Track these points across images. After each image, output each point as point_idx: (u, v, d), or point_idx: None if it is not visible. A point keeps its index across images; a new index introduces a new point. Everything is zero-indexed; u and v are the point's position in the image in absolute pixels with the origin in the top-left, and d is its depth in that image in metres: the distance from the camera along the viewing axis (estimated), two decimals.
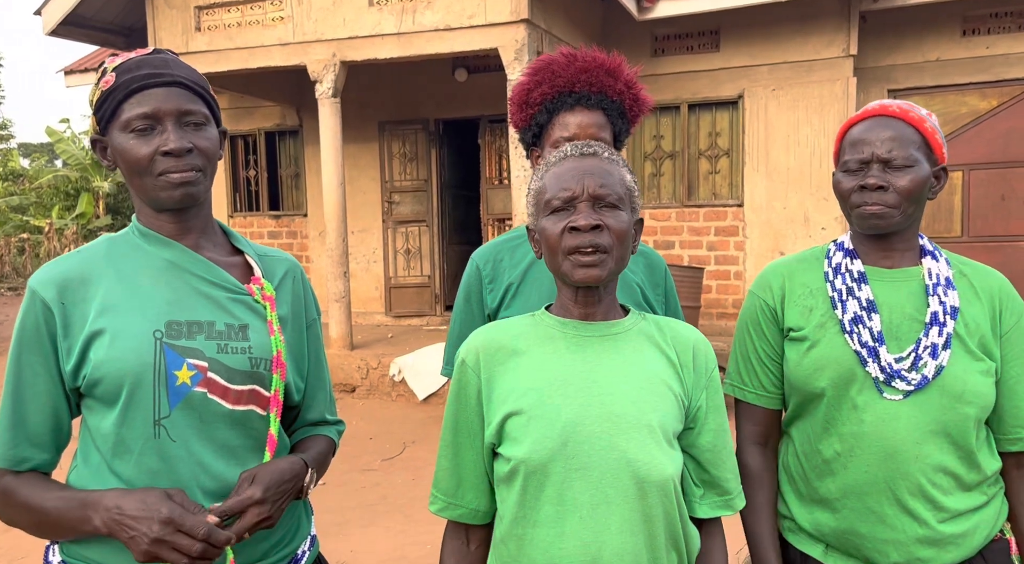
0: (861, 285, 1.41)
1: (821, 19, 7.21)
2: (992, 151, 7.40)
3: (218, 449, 1.24)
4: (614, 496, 1.16)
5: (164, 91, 1.22)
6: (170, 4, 7.28)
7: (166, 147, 1.20)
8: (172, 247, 1.28)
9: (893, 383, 1.35)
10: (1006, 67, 7.22)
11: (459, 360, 1.27)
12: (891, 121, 1.38)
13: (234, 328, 1.26)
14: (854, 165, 1.38)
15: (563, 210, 1.21)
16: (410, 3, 6.57)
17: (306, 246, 9.46)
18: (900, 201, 1.36)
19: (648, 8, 7.16)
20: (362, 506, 4.33)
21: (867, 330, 1.38)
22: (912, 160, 1.36)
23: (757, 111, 7.58)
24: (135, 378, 1.18)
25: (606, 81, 1.61)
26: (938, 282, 1.40)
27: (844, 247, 1.48)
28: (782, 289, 1.49)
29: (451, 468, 1.28)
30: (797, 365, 1.44)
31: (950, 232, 7.61)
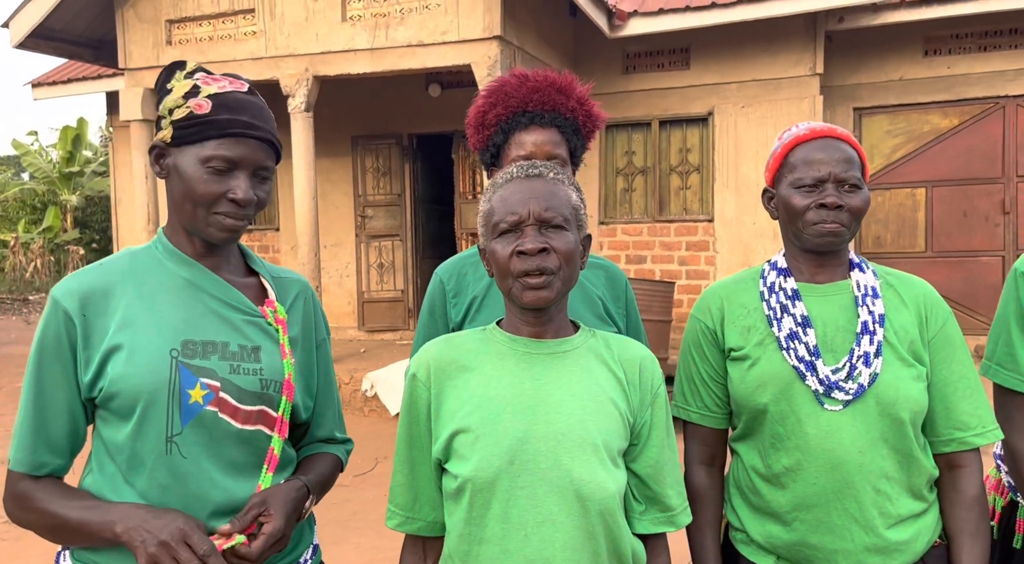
0: (795, 302, 1.45)
1: (788, 38, 7.36)
2: (954, 168, 7.58)
3: (226, 466, 1.27)
4: (558, 514, 1.18)
5: (255, 144, 1.29)
6: (140, 17, 7.24)
7: (235, 195, 1.26)
8: (192, 267, 1.32)
9: (832, 394, 1.39)
10: (966, 87, 7.42)
11: (410, 374, 1.30)
12: (840, 143, 1.43)
13: (247, 349, 1.29)
14: (809, 183, 1.41)
15: (511, 232, 1.23)
16: (383, 19, 6.60)
17: (278, 260, 9.40)
18: (851, 220, 1.41)
19: (619, 26, 7.26)
20: (333, 522, 4.30)
21: (803, 345, 1.42)
22: (860, 181, 1.42)
23: (727, 128, 7.70)
24: (150, 395, 1.21)
25: (558, 99, 1.64)
26: (866, 293, 1.44)
27: (777, 266, 1.52)
28: (721, 311, 1.53)
29: (407, 482, 1.30)
30: (740, 383, 1.48)
31: (914, 247, 7.77)
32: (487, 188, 1.32)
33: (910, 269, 7.75)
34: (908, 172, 7.74)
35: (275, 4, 6.88)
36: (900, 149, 7.75)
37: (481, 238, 1.31)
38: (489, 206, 1.28)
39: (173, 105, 1.28)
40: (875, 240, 7.91)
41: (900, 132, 7.75)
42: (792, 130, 1.48)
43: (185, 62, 1.32)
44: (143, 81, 7.30)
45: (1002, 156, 7.44)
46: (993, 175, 7.48)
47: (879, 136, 7.82)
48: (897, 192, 7.78)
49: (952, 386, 1.43)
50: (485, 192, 1.32)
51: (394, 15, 6.59)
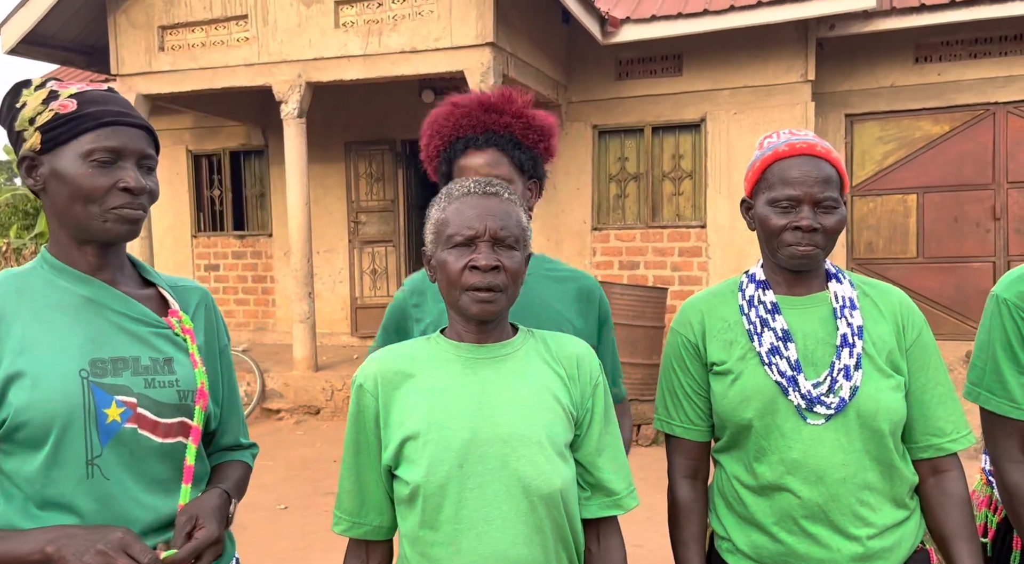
0: (775, 315, 1.46)
1: (780, 45, 7.39)
2: (945, 175, 7.61)
3: (149, 483, 1.24)
4: (508, 511, 1.23)
5: (133, 131, 1.26)
6: (133, 23, 7.23)
7: (127, 184, 1.22)
8: (89, 283, 1.27)
9: (814, 409, 1.40)
10: (957, 93, 7.46)
11: (356, 384, 1.32)
12: (818, 161, 1.41)
13: (159, 362, 1.27)
14: (784, 203, 1.41)
15: (464, 246, 1.27)
16: (376, 25, 6.61)
17: (271, 266, 9.38)
18: (826, 241, 1.41)
19: (612, 33, 7.28)
20: (324, 530, 4.28)
21: (784, 360, 1.42)
22: (837, 202, 1.41)
23: (719, 134, 7.72)
24: (65, 419, 1.16)
25: (487, 118, 1.64)
26: (844, 304, 1.45)
27: (756, 279, 1.52)
28: (702, 325, 1.53)
29: (354, 489, 1.33)
30: (723, 398, 1.48)
31: (906, 253, 7.80)
32: (441, 196, 1.34)
33: (902, 275, 7.82)
34: (900, 178, 7.77)
35: (268, 10, 6.88)
36: (891, 155, 7.78)
37: (429, 245, 1.34)
38: (444, 216, 1.30)
39: (33, 113, 1.23)
40: (867, 246, 7.93)
41: (891, 138, 7.78)
42: (772, 141, 1.46)
43: (30, 80, 1.28)
44: (136, 87, 7.29)
45: (992, 162, 7.48)
46: (984, 181, 7.52)
47: (870, 142, 7.86)
48: (889, 198, 7.81)
49: (929, 393, 1.45)
50: (438, 200, 1.34)
51: (387, 22, 6.59)
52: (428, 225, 1.34)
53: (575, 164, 8.19)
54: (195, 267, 9.63)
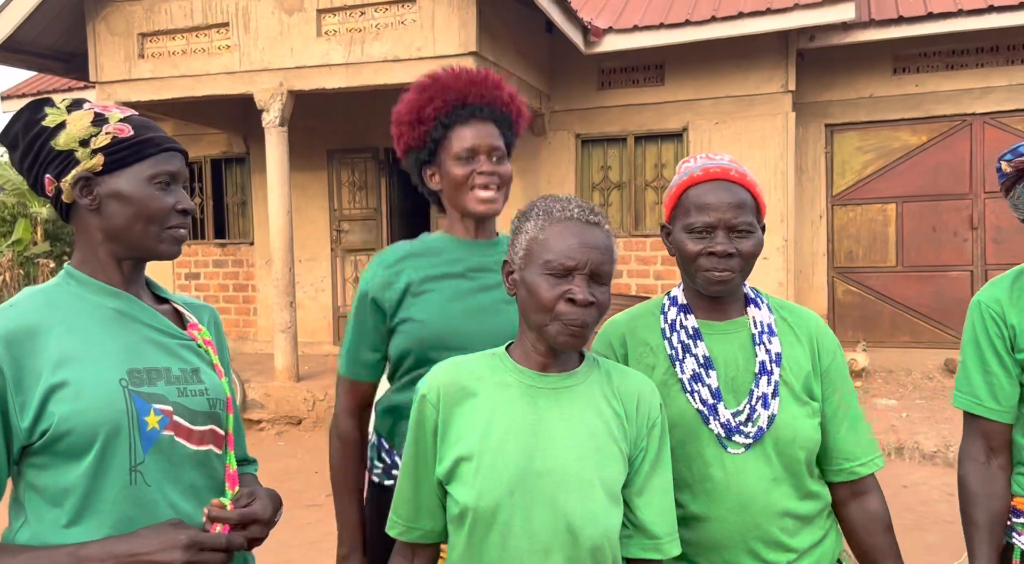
0: (697, 341, 1.45)
1: (761, 56, 7.45)
2: (924, 184, 7.70)
3: (185, 490, 1.28)
4: (552, 545, 1.22)
5: (181, 157, 1.36)
6: (112, 31, 7.17)
7: (184, 205, 1.32)
8: (120, 297, 1.32)
9: (734, 438, 1.40)
10: (934, 104, 7.55)
11: (419, 394, 1.31)
12: (732, 186, 1.41)
13: (188, 372, 1.32)
14: (699, 228, 1.40)
15: (561, 276, 1.24)
16: (359, 34, 6.60)
17: (252, 274, 9.31)
18: (743, 265, 1.41)
19: (595, 42, 7.31)
20: (305, 544, 4.23)
21: (706, 388, 1.42)
22: (752, 226, 1.41)
23: (701, 143, 7.76)
24: (111, 427, 1.20)
25: (494, 93, 1.65)
26: (762, 330, 1.45)
27: (678, 302, 1.51)
28: (624, 347, 1.51)
29: (411, 497, 1.33)
30: None
31: (885, 262, 7.88)
32: (538, 212, 1.29)
33: (882, 283, 7.89)
34: (879, 188, 7.85)
35: (249, 18, 6.84)
36: (871, 165, 7.86)
37: (517, 259, 1.30)
38: (543, 237, 1.26)
39: (85, 135, 1.28)
40: (847, 255, 8.00)
41: (870, 148, 7.86)
42: (688, 166, 1.46)
43: (51, 98, 1.34)
44: (115, 94, 7.22)
45: (969, 172, 7.58)
46: (961, 191, 7.62)
47: (850, 152, 7.94)
48: (868, 207, 7.88)
49: (840, 416, 1.46)
50: (534, 215, 1.29)
51: (369, 30, 6.58)
52: (519, 238, 1.30)
53: (558, 173, 8.21)
54: (175, 275, 9.55)
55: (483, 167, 1.62)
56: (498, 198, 1.65)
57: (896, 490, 4.81)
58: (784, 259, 7.51)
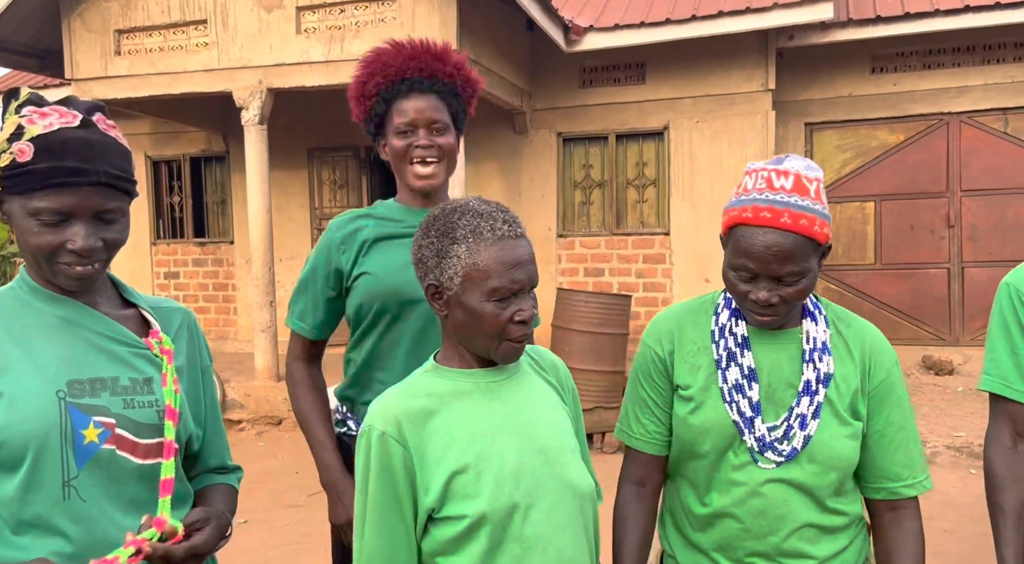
0: (744, 350, 1.43)
1: (741, 55, 7.49)
2: (901, 183, 7.78)
3: (127, 505, 1.22)
4: (563, 519, 1.27)
5: (88, 191, 1.18)
6: (88, 27, 7.08)
7: (74, 246, 1.18)
8: (66, 304, 1.25)
9: (766, 454, 1.39)
10: (911, 103, 7.63)
11: (376, 433, 1.22)
12: (782, 236, 1.31)
13: (139, 382, 1.25)
14: (744, 273, 1.36)
15: (507, 298, 1.23)
16: (338, 31, 6.56)
17: (232, 274, 9.23)
18: (789, 307, 1.38)
19: (576, 41, 7.31)
20: (285, 544, 4.20)
21: (746, 400, 1.40)
22: (802, 271, 1.33)
23: (682, 142, 7.79)
24: (40, 440, 1.15)
25: (435, 65, 1.67)
26: (815, 347, 1.42)
27: (732, 306, 1.48)
28: (672, 343, 1.50)
29: (385, 546, 1.23)
30: (684, 425, 1.47)
31: (864, 260, 7.95)
32: (463, 232, 1.23)
33: (861, 281, 7.96)
34: (857, 186, 7.92)
35: (228, 15, 6.78)
36: (850, 164, 7.93)
37: (450, 283, 1.24)
38: (481, 263, 1.21)
39: (1, 147, 1.19)
40: None
41: (849, 147, 7.93)
42: (745, 192, 1.36)
43: (19, 90, 1.23)
44: (91, 92, 7.13)
45: (946, 171, 7.66)
46: (938, 189, 7.70)
47: (829, 151, 8.00)
48: (847, 206, 7.95)
49: (889, 436, 1.43)
50: (460, 236, 1.22)
51: (349, 28, 6.54)
52: (450, 261, 1.23)
53: (540, 171, 8.20)
54: (154, 275, 9.45)
55: (420, 140, 1.66)
56: (437, 172, 1.69)
57: None
58: None
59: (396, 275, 1.68)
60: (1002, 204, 7.50)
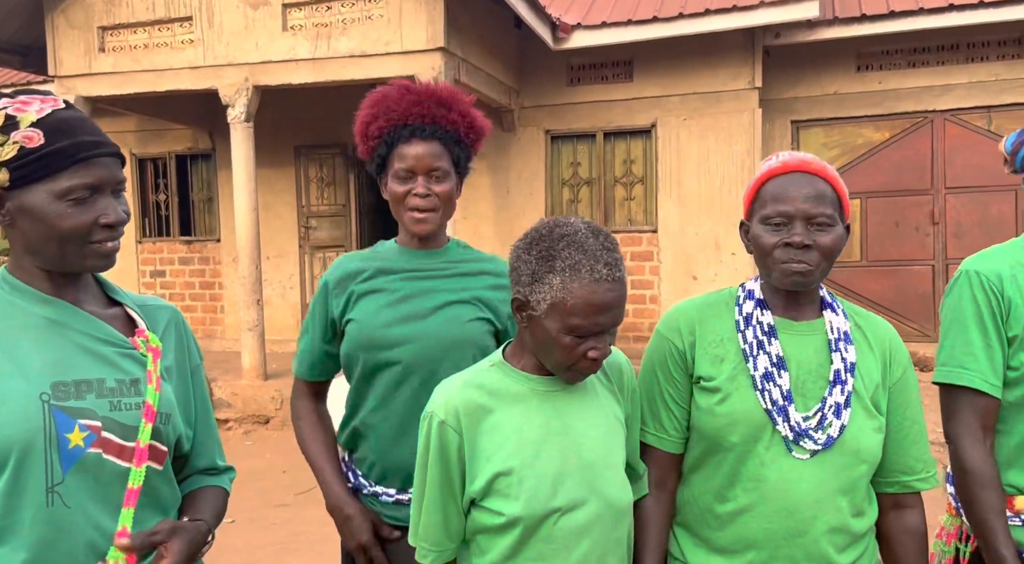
0: (771, 339, 1.41)
1: (728, 53, 7.51)
2: (887, 180, 7.83)
3: (114, 509, 1.19)
4: (593, 529, 1.33)
5: (108, 161, 1.21)
6: (71, 24, 7.02)
7: (108, 219, 1.19)
8: (51, 304, 1.22)
9: (801, 442, 1.37)
10: (896, 101, 7.68)
11: (436, 420, 1.33)
12: (812, 178, 1.37)
13: (125, 384, 1.22)
14: (777, 219, 1.36)
15: (585, 337, 1.28)
16: (325, 29, 6.53)
17: (219, 272, 9.19)
18: (821, 259, 1.36)
19: (563, 38, 7.31)
20: (273, 544, 4.19)
21: (777, 388, 1.38)
22: (833, 219, 1.36)
23: (669, 139, 7.81)
24: (24, 445, 1.12)
25: (438, 112, 1.67)
26: (839, 336, 1.42)
27: (754, 296, 1.47)
28: (692, 334, 1.47)
29: (440, 522, 1.36)
30: (709, 415, 1.43)
31: (850, 257, 8.00)
32: (562, 265, 1.26)
33: (846, 278, 8.01)
34: (844, 184, 7.96)
35: (213, 12, 6.74)
36: (836, 161, 7.97)
37: (536, 304, 1.29)
38: (570, 301, 1.25)
39: None
40: None
41: (835, 145, 7.97)
42: (768, 162, 1.42)
43: None
44: (75, 89, 7.07)
45: (931, 168, 7.72)
46: (923, 187, 7.76)
47: (815, 148, 8.04)
48: None
49: (905, 431, 1.43)
50: (559, 267, 1.26)
51: (336, 25, 6.52)
52: (541, 287, 1.27)
53: (528, 169, 8.20)
54: (140, 273, 9.39)
55: (418, 188, 1.66)
56: (432, 219, 1.69)
57: None
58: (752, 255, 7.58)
59: (376, 325, 1.68)
60: (986, 201, 7.57)
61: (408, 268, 1.73)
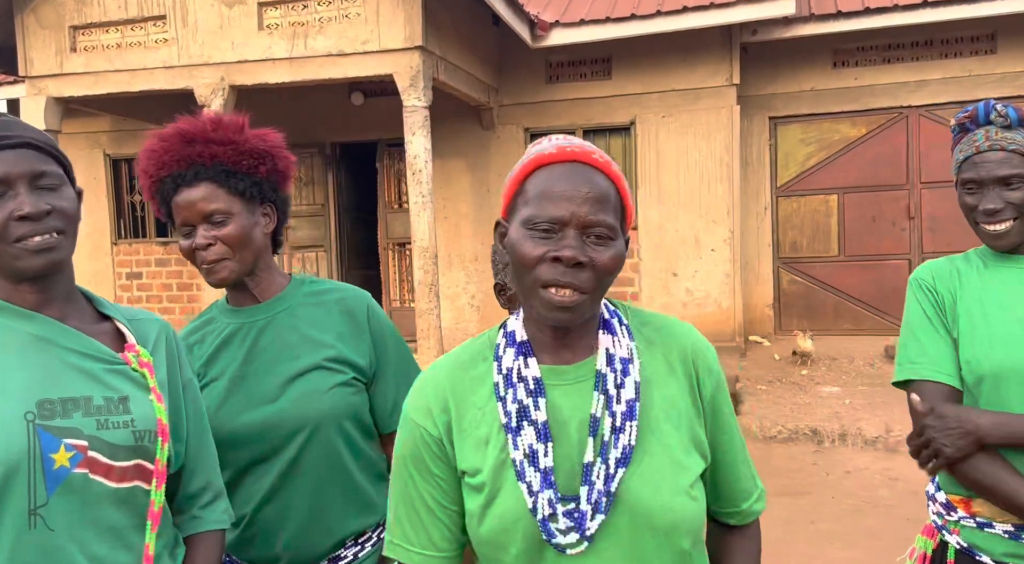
0: (538, 400, 1.05)
1: (706, 50, 7.54)
2: (863, 176, 7.90)
3: (102, 531, 1.15)
4: None
5: (13, 153, 1.14)
6: (42, 23, 6.90)
7: (21, 211, 1.11)
8: (35, 320, 1.18)
9: (567, 536, 1.01)
10: (872, 97, 7.75)
11: None
12: (594, 173, 1.03)
13: (113, 401, 1.18)
14: (544, 224, 1.00)
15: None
16: (302, 27, 6.47)
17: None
18: (596, 284, 1.01)
19: (542, 36, 7.30)
20: None
21: (539, 474, 1.02)
22: (615, 232, 1.02)
23: (648, 137, 7.83)
24: (7, 467, 1.08)
25: (190, 151, 1.47)
26: (613, 366, 1.06)
27: (515, 339, 1.09)
28: (446, 413, 1.09)
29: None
30: (478, 526, 1.06)
31: (828, 252, 8.07)
32: None
33: (825, 273, 8.07)
34: (821, 179, 8.03)
35: (187, 11, 6.65)
36: (813, 157, 8.03)
37: None
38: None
39: None
40: (792, 245, 8.17)
41: (812, 140, 8.03)
42: (539, 145, 1.08)
43: None
44: (46, 89, 6.96)
45: (906, 164, 7.80)
46: (899, 182, 7.84)
47: (793, 144, 8.09)
48: (811, 199, 8.06)
49: (731, 454, 1.15)
50: None
51: (312, 24, 6.46)
52: None
53: (508, 167, 8.18)
54: (116, 275, 9.27)
55: (198, 240, 1.47)
56: (226, 267, 1.48)
57: (839, 476, 4.94)
58: (731, 251, 7.63)
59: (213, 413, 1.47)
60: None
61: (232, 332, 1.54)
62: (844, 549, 3.78)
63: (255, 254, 1.52)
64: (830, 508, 4.34)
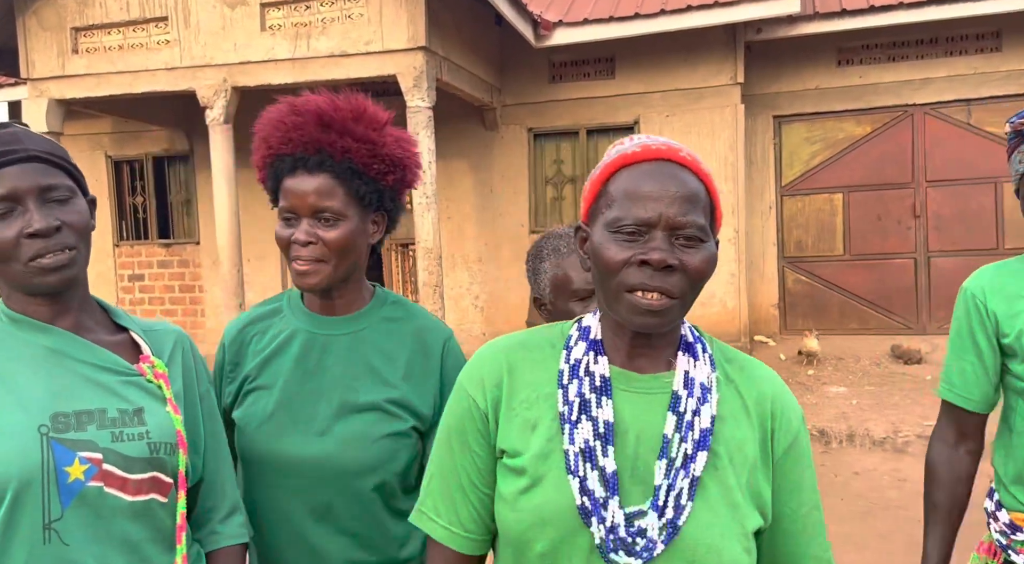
0: (602, 398, 0.99)
1: (709, 49, 7.51)
2: (868, 174, 7.86)
3: (119, 545, 1.14)
4: None
5: (18, 169, 1.11)
6: (43, 25, 6.88)
7: (31, 228, 1.09)
8: (50, 332, 1.17)
9: (619, 552, 0.94)
10: (876, 95, 7.71)
11: None
12: (683, 172, 0.98)
13: (128, 413, 1.16)
14: (630, 226, 0.95)
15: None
16: (304, 28, 6.45)
17: (199, 275, 9.07)
18: (686, 289, 0.96)
19: (545, 36, 7.27)
20: None
21: (596, 471, 0.96)
22: (705, 233, 0.97)
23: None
24: (21, 481, 1.07)
25: (324, 137, 1.32)
26: (691, 391, 1.00)
27: (589, 335, 1.05)
28: (499, 387, 1.04)
29: None
30: (510, 509, 1.00)
31: (833, 251, 8.03)
32: None
33: (831, 272, 8.04)
34: (826, 178, 7.99)
35: (190, 12, 6.63)
36: (818, 156, 8.00)
37: None
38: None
39: None
40: (797, 245, 8.14)
41: (817, 139, 8.00)
42: (621, 146, 1.02)
43: None
44: (48, 92, 6.95)
45: (912, 162, 7.76)
46: (904, 180, 7.80)
47: (798, 143, 8.06)
48: (816, 197, 8.02)
49: (800, 522, 1.04)
50: None
51: (315, 24, 6.44)
52: None
53: (511, 167, 8.16)
54: (118, 278, 9.25)
55: (299, 234, 1.33)
56: (320, 271, 1.34)
57: (848, 477, 4.90)
58: (736, 250, 7.60)
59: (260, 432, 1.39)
60: (966, 194, 7.62)
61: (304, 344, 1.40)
62: (855, 552, 3.74)
63: (354, 263, 1.38)
64: (839, 510, 4.30)
